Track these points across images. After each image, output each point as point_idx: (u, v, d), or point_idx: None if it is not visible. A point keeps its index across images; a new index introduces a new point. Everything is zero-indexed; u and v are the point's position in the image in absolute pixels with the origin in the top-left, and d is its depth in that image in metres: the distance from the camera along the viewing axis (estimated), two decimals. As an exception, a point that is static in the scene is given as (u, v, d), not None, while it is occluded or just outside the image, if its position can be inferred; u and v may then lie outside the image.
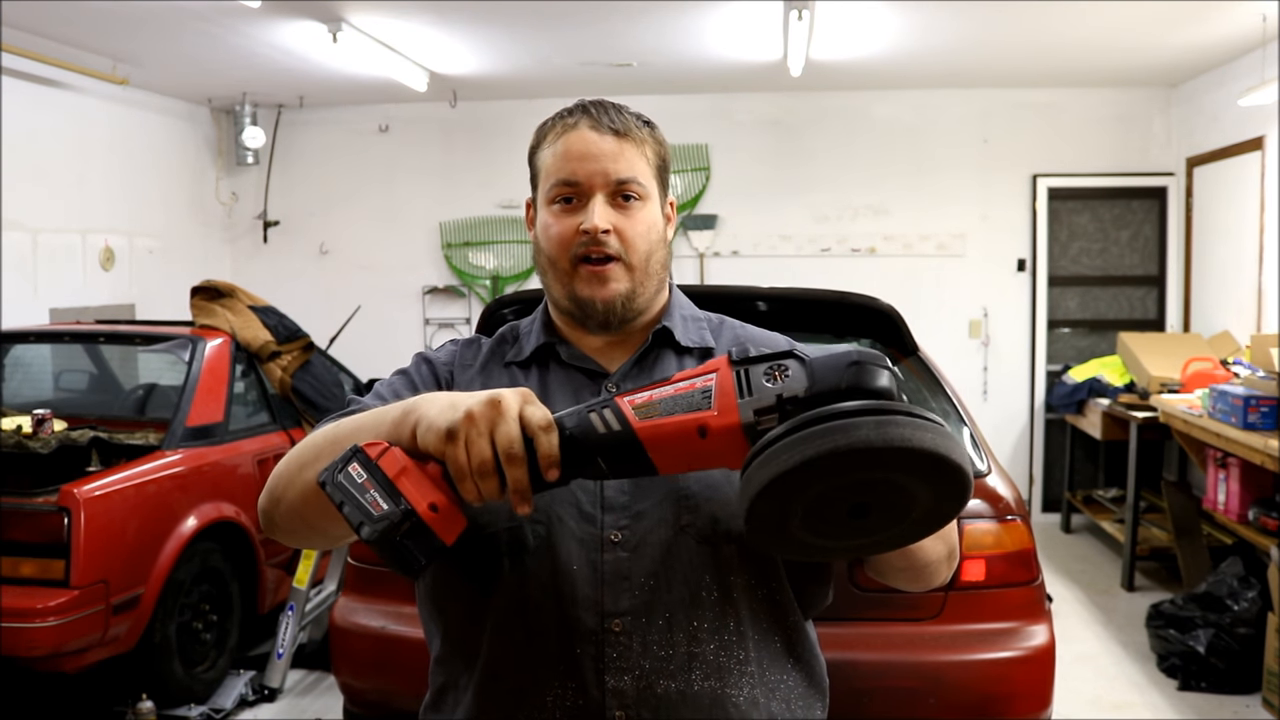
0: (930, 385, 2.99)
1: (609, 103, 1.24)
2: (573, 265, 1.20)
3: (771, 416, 0.92)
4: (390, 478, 0.92)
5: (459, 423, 0.93)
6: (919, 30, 5.08)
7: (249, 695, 3.79)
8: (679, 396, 0.95)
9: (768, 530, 0.92)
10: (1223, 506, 4.43)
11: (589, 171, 1.19)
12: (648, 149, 1.23)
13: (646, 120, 1.26)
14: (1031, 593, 2.58)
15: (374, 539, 0.90)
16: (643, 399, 0.96)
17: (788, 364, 0.93)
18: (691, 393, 0.94)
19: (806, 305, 2.96)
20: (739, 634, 1.14)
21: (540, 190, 1.24)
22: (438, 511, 0.91)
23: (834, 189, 6.66)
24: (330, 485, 0.93)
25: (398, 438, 0.98)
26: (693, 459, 0.96)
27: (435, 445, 0.94)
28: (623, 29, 5.06)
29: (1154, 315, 6.49)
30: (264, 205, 7.04)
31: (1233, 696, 3.78)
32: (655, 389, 0.97)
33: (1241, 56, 5.39)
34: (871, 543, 0.97)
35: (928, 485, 0.88)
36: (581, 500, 1.14)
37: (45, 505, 3.25)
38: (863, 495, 0.89)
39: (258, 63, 5.58)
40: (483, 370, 1.27)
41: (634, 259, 1.21)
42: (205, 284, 4.46)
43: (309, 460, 1.07)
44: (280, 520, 1.11)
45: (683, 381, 0.96)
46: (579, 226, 1.19)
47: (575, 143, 1.20)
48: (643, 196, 1.22)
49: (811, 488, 0.87)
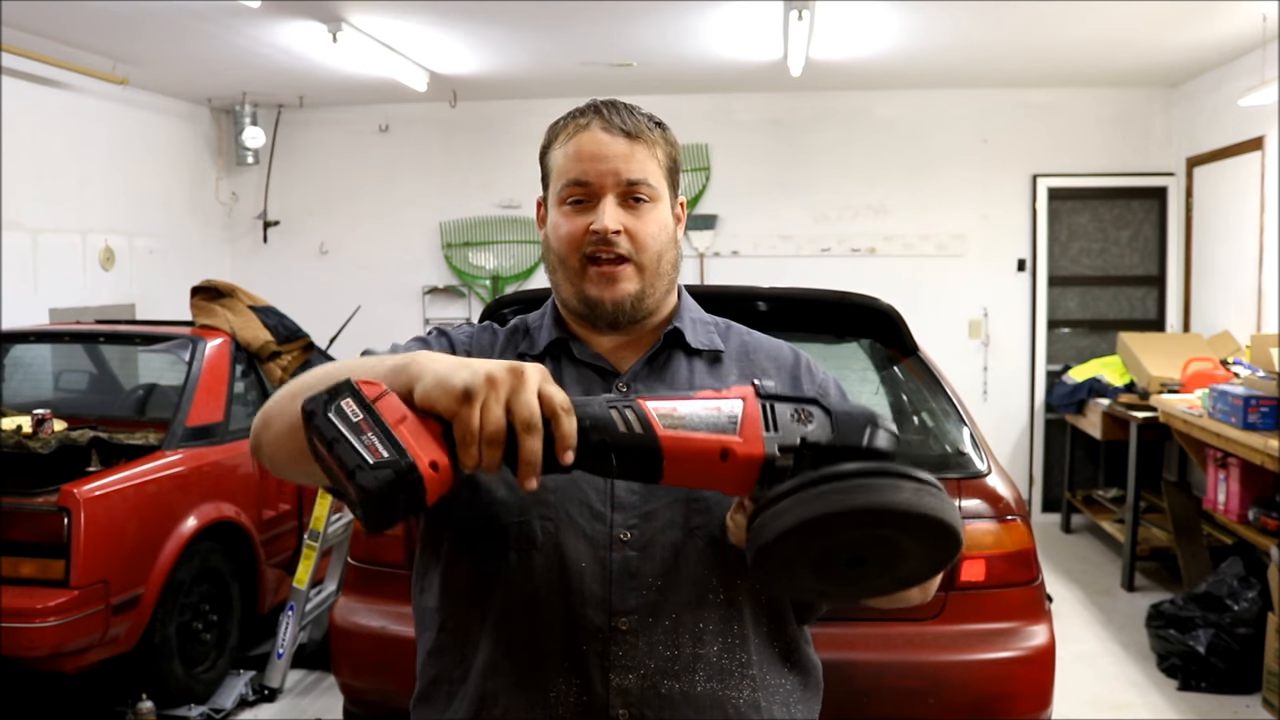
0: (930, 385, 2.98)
1: (621, 103, 1.24)
2: (582, 265, 1.20)
3: (790, 455, 0.94)
4: (389, 424, 0.87)
5: (478, 384, 0.89)
6: (919, 30, 5.08)
7: (249, 695, 3.79)
8: (706, 415, 0.95)
9: (776, 567, 0.95)
10: (1223, 506, 4.43)
11: (600, 172, 1.19)
12: (659, 150, 1.24)
13: (658, 121, 1.26)
14: (1031, 593, 2.58)
15: (370, 487, 0.84)
16: (666, 408, 0.95)
17: (812, 409, 0.97)
18: (718, 414, 0.95)
19: (806, 305, 2.96)
20: (742, 637, 1.15)
21: (551, 190, 1.25)
22: (437, 471, 0.87)
23: (834, 189, 6.66)
24: (319, 418, 0.87)
25: (393, 386, 0.92)
26: (701, 478, 0.97)
27: (445, 403, 0.89)
28: (623, 29, 5.06)
29: (1154, 315, 6.49)
30: (264, 205, 7.04)
31: (1233, 696, 3.78)
32: (679, 400, 0.97)
33: (1241, 56, 5.39)
34: (863, 590, 1.02)
35: (925, 544, 0.94)
36: (591, 498, 1.14)
37: (45, 505, 3.25)
38: (865, 549, 0.94)
39: (258, 63, 5.58)
40: (499, 358, 1.27)
41: (644, 259, 1.21)
42: (205, 284, 4.45)
43: (303, 390, 0.99)
44: (266, 446, 1.07)
45: (709, 400, 0.97)
46: (589, 226, 1.19)
47: (587, 143, 1.20)
48: (653, 198, 1.22)
49: (833, 537, 0.91)
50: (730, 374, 1.26)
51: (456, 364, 0.93)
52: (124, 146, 6.00)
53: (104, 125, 5.79)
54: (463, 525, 1.17)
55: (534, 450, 0.90)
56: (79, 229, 5.61)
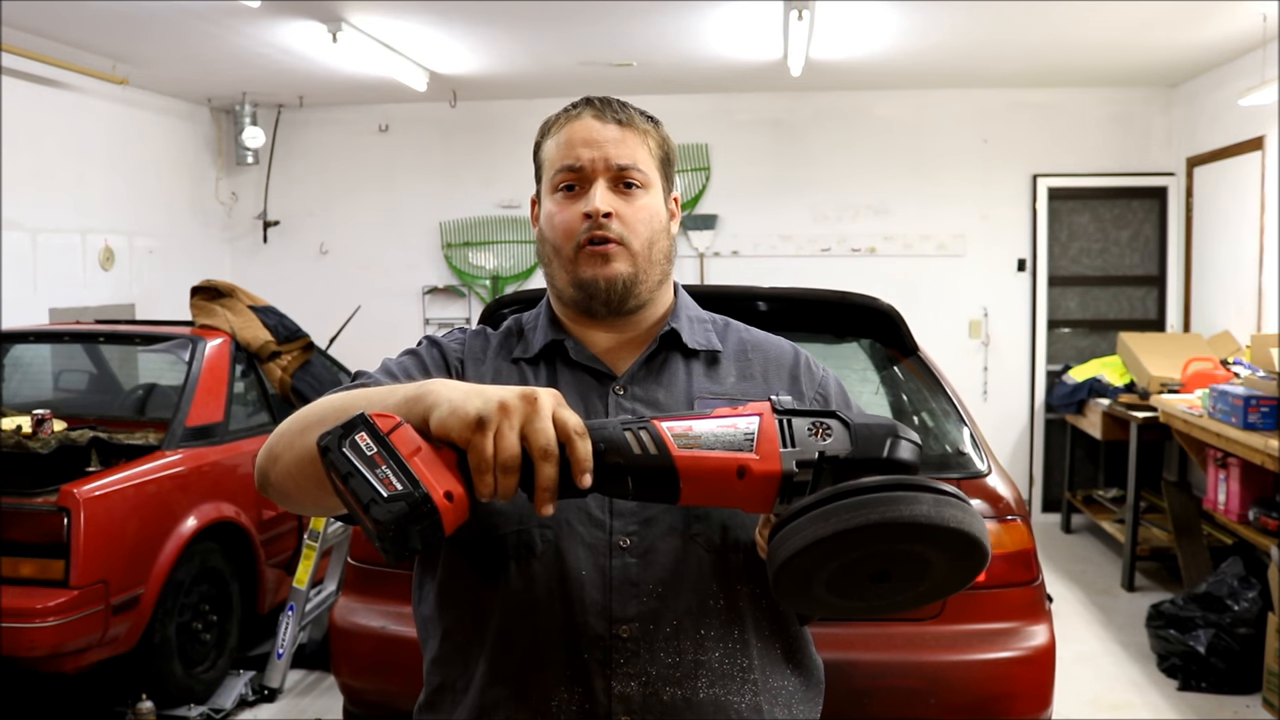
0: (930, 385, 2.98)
1: (614, 99, 1.25)
2: (575, 252, 1.20)
3: (808, 471, 0.93)
4: (403, 456, 0.87)
5: (491, 411, 0.89)
6: (919, 30, 5.08)
7: (249, 695, 3.79)
8: (721, 433, 0.94)
9: (794, 585, 0.94)
10: (1223, 506, 4.42)
11: (591, 156, 1.20)
12: (650, 140, 1.24)
13: (651, 117, 1.27)
14: (1031, 593, 2.58)
15: (385, 520, 0.85)
16: (681, 428, 0.95)
17: (830, 423, 0.96)
18: (734, 432, 0.94)
19: (806, 305, 2.96)
20: (743, 642, 1.14)
21: (544, 180, 1.25)
22: (452, 501, 0.87)
23: (834, 189, 6.66)
24: (334, 453, 0.87)
25: (408, 417, 0.92)
26: (720, 496, 0.96)
27: (459, 432, 0.89)
28: (623, 29, 5.06)
29: (1154, 315, 6.49)
30: (264, 205, 7.04)
31: (1233, 697, 3.78)
32: (694, 419, 0.96)
33: (1241, 56, 5.39)
34: (888, 604, 1.00)
35: (951, 558, 0.92)
36: (590, 505, 1.13)
37: (45, 505, 3.25)
38: (888, 563, 0.92)
39: (258, 63, 5.58)
40: (492, 364, 1.26)
41: (635, 244, 1.20)
42: (205, 284, 4.45)
43: (313, 424, 1.01)
44: (275, 480, 1.07)
45: (724, 419, 0.96)
46: (582, 212, 1.19)
47: (578, 130, 1.21)
48: (644, 185, 1.22)
49: (850, 553, 0.89)
50: (729, 374, 1.25)
51: (470, 391, 0.92)
52: (124, 146, 6.00)
53: (104, 125, 5.79)
54: (462, 535, 1.17)
55: (550, 476, 0.90)
56: (79, 229, 5.61)
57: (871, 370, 3.28)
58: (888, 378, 3.25)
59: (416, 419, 0.93)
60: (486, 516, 1.13)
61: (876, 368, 3.25)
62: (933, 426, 2.99)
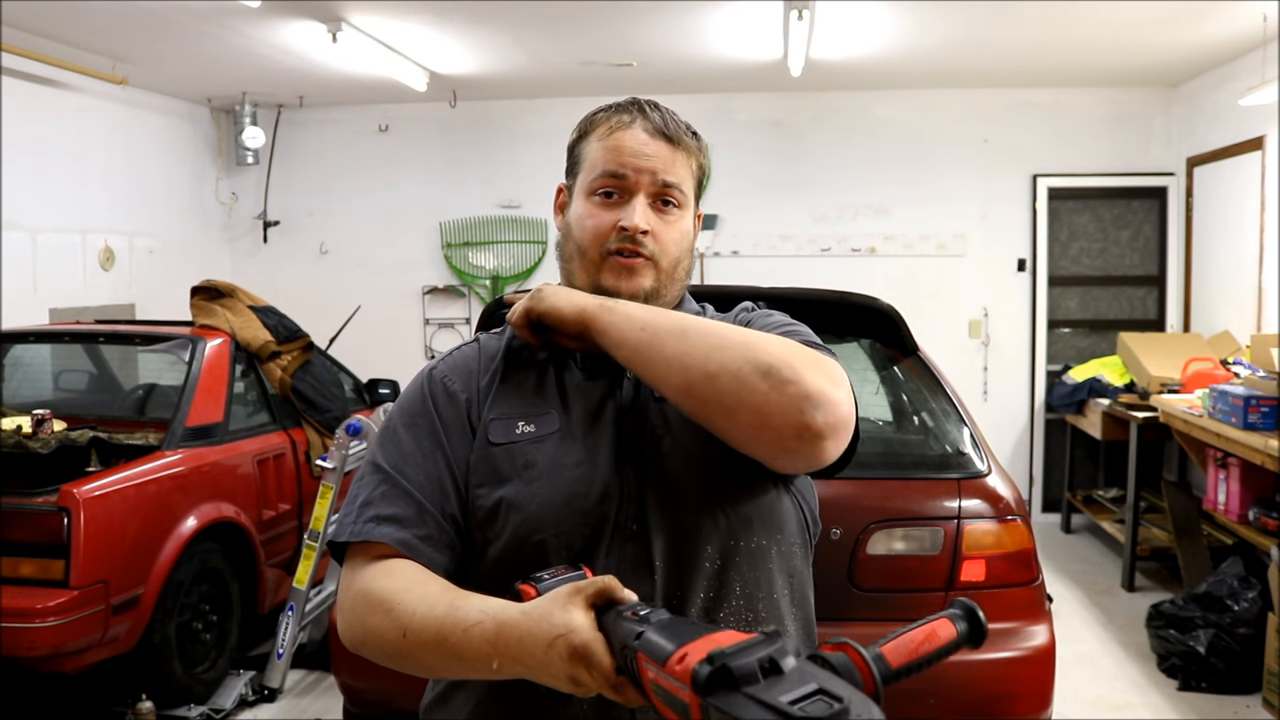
0: (930, 385, 2.98)
1: (662, 105, 1.25)
2: (601, 258, 1.20)
3: None
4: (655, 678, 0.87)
5: (571, 686, 0.94)
6: (919, 30, 5.08)
7: (249, 695, 3.79)
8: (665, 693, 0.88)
9: None
10: (1223, 506, 4.43)
11: (638, 169, 1.20)
12: (694, 160, 1.26)
13: (694, 131, 1.28)
14: (1031, 593, 2.58)
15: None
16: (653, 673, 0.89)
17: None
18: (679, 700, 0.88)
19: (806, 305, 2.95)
20: None
21: (580, 179, 1.25)
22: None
23: (834, 189, 6.66)
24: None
25: (551, 664, 0.94)
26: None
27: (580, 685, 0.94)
28: (623, 29, 5.06)
29: (1154, 315, 6.49)
30: (264, 205, 7.04)
31: (1233, 697, 3.78)
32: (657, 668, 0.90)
33: (1241, 56, 5.39)
34: None
35: None
36: None
37: (45, 505, 3.25)
38: None
39: (258, 63, 5.58)
40: (503, 377, 1.23)
41: (664, 262, 1.22)
42: (205, 284, 4.46)
43: (455, 649, 1.02)
44: (400, 656, 1.07)
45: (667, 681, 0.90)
46: (617, 222, 1.19)
47: (628, 139, 1.21)
48: (681, 204, 1.24)
49: None
50: None
51: (543, 651, 0.94)
52: (124, 146, 6.00)
53: (104, 125, 5.79)
54: (489, 550, 1.16)
55: (633, 699, 0.91)
56: (79, 229, 5.61)
57: (871, 370, 3.28)
58: (888, 378, 3.25)
59: (566, 660, 0.94)
60: (520, 525, 1.12)
61: (876, 368, 3.25)
62: (933, 426, 2.99)
